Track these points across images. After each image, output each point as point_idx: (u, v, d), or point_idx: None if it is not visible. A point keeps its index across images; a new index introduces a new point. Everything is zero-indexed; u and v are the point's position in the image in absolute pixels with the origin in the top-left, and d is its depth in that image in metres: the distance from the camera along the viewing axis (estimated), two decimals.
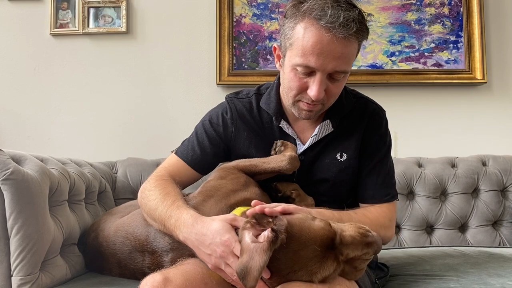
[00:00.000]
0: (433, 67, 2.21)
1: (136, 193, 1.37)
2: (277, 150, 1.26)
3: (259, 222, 0.89)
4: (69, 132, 2.24)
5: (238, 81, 2.19)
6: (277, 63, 1.26)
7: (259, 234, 0.88)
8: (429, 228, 1.94)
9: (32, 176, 1.23)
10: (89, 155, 2.03)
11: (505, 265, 1.37)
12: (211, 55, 2.23)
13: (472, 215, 1.92)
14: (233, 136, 1.31)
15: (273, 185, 1.27)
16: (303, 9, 1.11)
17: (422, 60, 2.21)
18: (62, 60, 2.26)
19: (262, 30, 2.22)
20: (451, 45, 2.21)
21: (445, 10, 2.23)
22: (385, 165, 1.30)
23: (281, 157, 1.22)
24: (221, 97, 1.45)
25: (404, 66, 2.21)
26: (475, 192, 1.95)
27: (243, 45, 2.22)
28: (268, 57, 2.21)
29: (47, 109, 2.25)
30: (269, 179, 1.27)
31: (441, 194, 1.95)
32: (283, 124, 1.29)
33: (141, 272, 1.17)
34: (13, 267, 1.19)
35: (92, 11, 2.26)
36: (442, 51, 2.21)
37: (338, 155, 1.28)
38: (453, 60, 2.21)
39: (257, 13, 2.23)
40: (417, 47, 2.22)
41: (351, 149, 1.28)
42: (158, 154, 2.00)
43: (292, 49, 1.14)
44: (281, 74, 1.26)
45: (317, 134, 1.27)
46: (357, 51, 1.17)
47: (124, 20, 2.24)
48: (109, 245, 1.29)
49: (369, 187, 1.28)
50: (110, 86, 2.26)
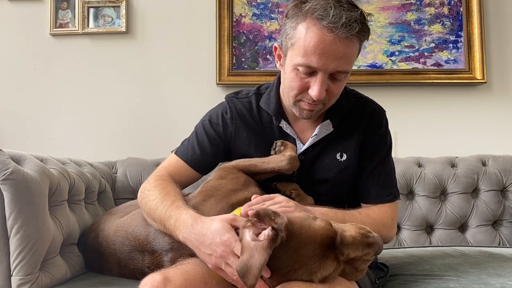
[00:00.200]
0: (433, 67, 2.21)
1: (136, 193, 1.37)
2: (276, 150, 1.26)
3: (259, 221, 0.89)
4: (69, 132, 2.24)
5: (238, 81, 2.19)
6: (278, 62, 1.26)
7: (259, 233, 0.88)
8: (429, 228, 1.94)
9: (31, 176, 1.23)
10: (89, 155, 2.03)
11: (505, 265, 1.37)
12: (211, 55, 2.23)
13: (472, 215, 1.92)
14: (233, 136, 1.31)
15: (273, 185, 1.27)
16: (305, 9, 1.11)
17: (422, 60, 2.21)
18: (62, 60, 2.26)
19: (262, 30, 2.22)
20: (451, 45, 2.21)
21: (445, 10, 2.23)
22: (386, 165, 1.31)
23: (280, 157, 1.22)
24: (221, 97, 1.45)
25: (404, 66, 2.21)
26: (475, 192, 1.95)
27: (243, 45, 2.22)
28: (268, 57, 2.21)
29: (47, 109, 2.25)
30: (269, 179, 1.27)
31: (441, 194, 1.95)
32: (283, 124, 1.29)
33: (141, 272, 1.17)
34: (12, 267, 1.19)
35: (92, 11, 2.26)
36: (442, 51, 2.21)
37: (338, 155, 1.28)
38: (453, 60, 2.21)
39: (257, 13, 2.23)
40: (417, 47, 2.22)
41: (351, 149, 1.28)
42: (158, 154, 1.99)
43: (294, 49, 1.13)
44: (282, 74, 1.26)
45: (317, 134, 1.27)
46: (359, 51, 1.18)
47: (124, 20, 2.24)
48: (109, 245, 1.29)
49: (371, 187, 1.28)
50: (110, 86, 2.26)
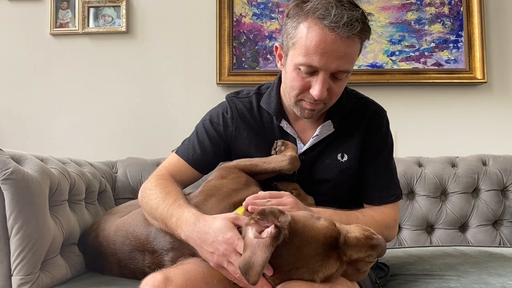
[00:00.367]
0: (433, 67, 2.21)
1: (136, 192, 1.37)
2: (277, 149, 1.26)
3: (263, 218, 0.89)
4: (69, 131, 2.24)
5: (238, 80, 2.19)
6: (279, 62, 1.26)
7: (262, 230, 0.88)
8: (429, 228, 1.94)
9: (32, 176, 1.23)
10: (89, 154, 2.03)
11: (505, 265, 1.37)
12: (211, 54, 2.23)
13: (472, 215, 1.92)
14: (233, 136, 1.31)
15: (273, 185, 1.27)
16: (307, 8, 1.11)
17: (422, 60, 2.21)
18: (62, 59, 2.26)
19: (262, 29, 2.22)
20: (451, 45, 2.21)
21: (445, 10, 2.22)
22: (389, 165, 1.31)
23: (281, 157, 1.22)
24: (221, 97, 1.45)
25: (404, 65, 2.21)
26: (475, 191, 1.95)
27: (243, 45, 2.22)
28: (268, 56, 2.21)
29: (47, 109, 2.25)
30: (270, 178, 1.27)
31: (441, 193, 1.95)
32: (284, 124, 1.29)
33: (142, 271, 1.17)
34: (13, 267, 1.19)
35: (92, 10, 2.25)
36: (442, 51, 2.21)
37: (339, 155, 1.28)
38: (453, 60, 2.21)
39: (257, 12, 2.23)
40: (417, 47, 2.22)
41: (352, 150, 1.28)
42: (158, 153, 1.99)
43: (295, 48, 1.13)
44: (282, 74, 1.26)
45: (318, 135, 1.27)
46: (360, 51, 1.18)
47: (124, 20, 2.24)
48: (109, 244, 1.29)
49: (374, 188, 1.29)
50: (110, 85, 2.25)
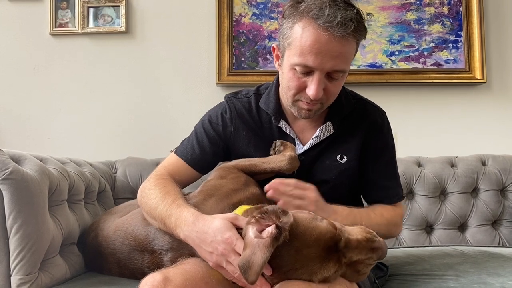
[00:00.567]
0: (432, 67, 2.21)
1: (135, 192, 1.36)
2: (276, 150, 1.26)
3: (264, 217, 0.89)
4: (69, 131, 2.24)
5: (237, 80, 2.19)
6: (276, 63, 1.26)
7: (263, 230, 0.88)
8: (428, 228, 1.94)
9: (31, 176, 1.23)
10: (88, 154, 2.03)
11: (504, 265, 1.37)
12: (210, 54, 2.23)
13: (471, 215, 1.92)
14: (232, 136, 1.31)
15: None
16: (301, 8, 1.11)
17: (422, 60, 2.21)
18: (61, 59, 2.26)
19: (262, 29, 2.22)
20: (450, 45, 2.21)
21: (445, 10, 2.23)
22: (393, 166, 1.34)
23: (281, 157, 1.22)
24: (220, 97, 1.45)
25: (404, 65, 2.21)
26: (474, 191, 1.95)
27: (242, 45, 2.22)
28: (268, 56, 2.21)
29: (47, 109, 2.25)
30: (269, 178, 1.27)
31: (440, 193, 1.95)
32: (282, 124, 1.29)
33: (141, 271, 1.17)
34: (12, 267, 1.19)
35: (91, 10, 2.25)
36: (442, 51, 2.21)
37: (339, 157, 1.28)
38: (452, 60, 2.21)
39: (257, 12, 2.23)
40: (416, 47, 2.22)
41: (351, 151, 1.28)
42: (157, 153, 1.99)
43: (291, 48, 1.14)
44: (280, 74, 1.26)
45: (318, 136, 1.27)
46: (356, 50, 1.18)
47: (123, 20, 2.24)
48: (109, 244, 1.29)
49: (379, 189, 1.30)
50: (110, 85, 2.25)
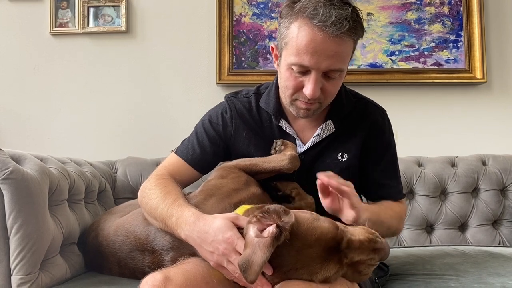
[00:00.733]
0: (433, 67, 2.21)
1: (136, 192, 1.37)
2: (277, 149, 1.26)
3: (265, 216, 0.89)
4: (69, 131, 2.24)
5: (238, 80, 2.19)
6: (275, 63, 1.27)
7: (264, 229, 0.87)
8: (429, 228, 1.94)
9: (31, 176, 1.23)
10: (89, 154, 2.02)
11: (505, 265, 1.37)
12: (211, 54, 2.23)
13: (472, 215, 1.92)
14: (232, 135, 1.31)
15: (273, 184, 1.27)
16: (297, 8, 1.12)
17: (422, 60, 2.21)
18: (61, 59, 2.26)
19: (262, 29, 2.22)
20: (451, 44, 2.21)
21: (445, 9, 2.22)
22: (394, 164, 1.35)
23: (281, 157, 1.22)
24: (221, 97, 1.45)
25: (404, 65, 2.21)
26: (475, 191, 1.95)
27: (243, 44, 2.22)
28: (268, 56, 2.21)
29: (47, 108, 2.25)
30: (269, 178, 1.27)
31: (441, 193, 1.95)
32: (283, 123, 1.29)
33: (141, 271, 1.17)
34: (12, 267, 1.19)
35: (91, 10, 2.25)
36: (442, 51, 2.21)
37: (339, 155, 1.28)
38: (453, 60, 2.21)
39: (257, 12, 2.23)
40: (417, 46, 2.22)
41: (352, 149, 1.28)
42: (158, 153, 1.99)
43: (287, 48, 1.14)
44: (278, 74, 1.26)
45: (319, 135, 1.28)
46: (353, 49, 1.18)
47: (123, 20, 2.24)
48: (109, 244, 1.29)
49: (382, 188, 1.31)
50: (110, 85, 2.25)
